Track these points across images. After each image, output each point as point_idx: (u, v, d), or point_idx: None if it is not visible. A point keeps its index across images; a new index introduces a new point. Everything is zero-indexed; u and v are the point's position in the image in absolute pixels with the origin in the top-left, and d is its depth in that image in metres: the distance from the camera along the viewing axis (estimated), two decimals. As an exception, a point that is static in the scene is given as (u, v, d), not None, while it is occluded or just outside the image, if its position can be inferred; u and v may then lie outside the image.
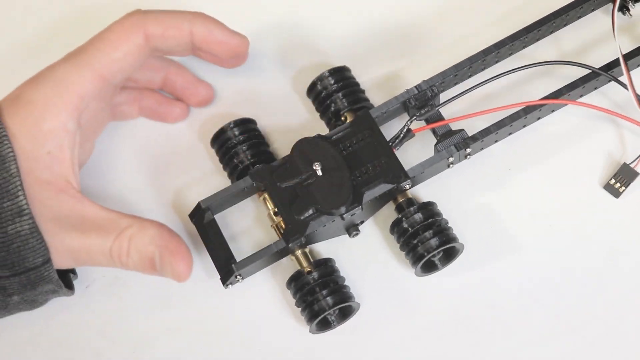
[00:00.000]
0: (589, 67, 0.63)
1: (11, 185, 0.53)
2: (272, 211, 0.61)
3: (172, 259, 0.57)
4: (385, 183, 0.60)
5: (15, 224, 0.53)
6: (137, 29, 0.59)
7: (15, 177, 0.53)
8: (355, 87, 0.64)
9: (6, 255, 0.53)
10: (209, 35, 0.61)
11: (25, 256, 0.54)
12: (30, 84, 0.56)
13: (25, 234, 0.53)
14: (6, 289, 0.55)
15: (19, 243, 0.53)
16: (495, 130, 0.61)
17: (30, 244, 0.53)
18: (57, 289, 0.58)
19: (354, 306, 0.61)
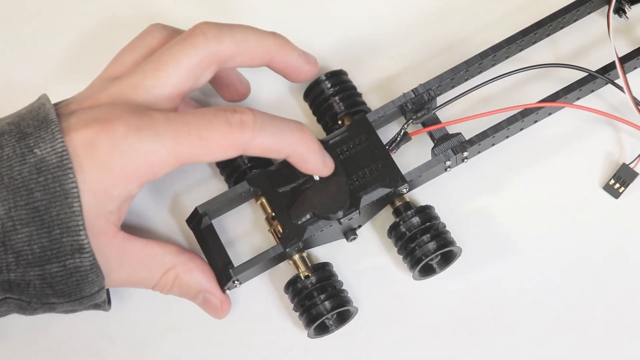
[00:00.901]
0: (585, 70, 0.63)
1: (73, 222, 0.52)
2: (269, 216, 0.61)
3: (212, 309, 0.61)
4: (383, 187, 0.60)
5: (74, 259, 0.53)
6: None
7: (78, 215, 0.52)
8: (352, 91, 0.64)
9: (64, 288, 0.54)
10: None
11: (83, 288, 0.54)
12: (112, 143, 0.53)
13: (85, 270, 0.53)
14: (55, 308, 0.56)
15: (78, 277, 0.53)
16: (493, 134, 0.61)
17: (89, 278, 0.54)
18: (101, 304, 0.58)
19: (352, 310, 0.61)
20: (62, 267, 0.53)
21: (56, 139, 0.52)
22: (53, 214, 0.52)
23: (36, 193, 0.52)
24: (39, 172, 0.52)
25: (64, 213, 0.52)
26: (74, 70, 0.69)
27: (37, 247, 0.52)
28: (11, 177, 0.52)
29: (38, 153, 0.52)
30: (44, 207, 0.52)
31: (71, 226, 0.52)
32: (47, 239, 0.52)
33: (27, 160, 0.52)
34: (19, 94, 0.66)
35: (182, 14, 0.69)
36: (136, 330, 0.63)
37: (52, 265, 0.53)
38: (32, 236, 0.52)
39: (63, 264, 0.53)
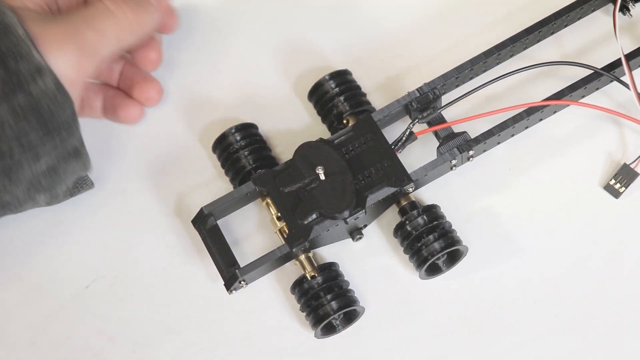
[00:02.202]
0: (591, 68, 0.63)
1: (23, 48, 0.53)
2: (275, 216, 0.61)
3: None
4: (389, 186, 0.60)
5: (37, 84, 0.53)
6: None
7: (25, 37, 0.53)
8: (357, 91, 0.64)
9: (37, 116, 0.54)
10: None
11: (55, 113, 0.54)
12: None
13: (52, 91, 0.54)
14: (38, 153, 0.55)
15: (48, 101, 0.54)
16: (498, 132, 0.61)
17: (58, 99, 0.54)
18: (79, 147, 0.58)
19: (359, 310, 0.61)
20: (28, 95, 0.53)
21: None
22: (2, 48, 0.52)
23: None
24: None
25: (11, 42, 0.53)
26: None
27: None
28: None
29: None
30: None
31: (22, 51, 0.53)
32: (4, 70, 0.52)
33: None
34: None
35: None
36: (136, 330, 0.62)
37: (18, 97, 0.53)
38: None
39: (29, 92, 0.53)
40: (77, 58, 0.55)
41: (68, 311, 0.63)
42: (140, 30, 0.59)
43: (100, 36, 0.57)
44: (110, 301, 0.63)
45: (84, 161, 0.59)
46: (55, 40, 0.55)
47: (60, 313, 0.63)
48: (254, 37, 0.68)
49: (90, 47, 0.56)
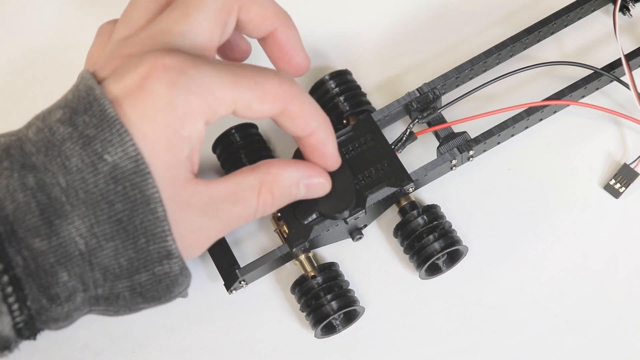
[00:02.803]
0: (591, 68, 0.63)
1: (158, 229, 0.49)
2: (275, 216, 0.61)
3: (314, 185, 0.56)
4: (389, 186, 0.59)
5: (163, 266, 0.50)
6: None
7: (163, 220, 0.49)
8: (357, 91, 0.64)
9: (154, 294, 0.51)
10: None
11: (172, 291, 0.52)
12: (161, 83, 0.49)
13: (175, 274, 0.51)
14: (142, 310, 0.54)
15: (168, 282, 0.51)
16: (498, 132, 0.61)
17: (179, 281, 0.51)
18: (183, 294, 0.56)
19: (359, 310, 0.61)
20: (150, 275, 0.50)
21: (125, 142, 0.48)
22: (137, 224, 0.49)
23: (117, 205, 0.48)
24: (116, 182, 0.48)
25: (147, 220, 0.49)
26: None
27: (123, 260, 0.49)
28: (87, 191, 0.48)
29: (109, 160, 0.48)
30: (126, 218, 0.49)
31: (156, 233, 0.49)
32: (133, 250, 0.49)
33: (99, 170, 0.48)
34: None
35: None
36: (136, 330, 0.62)
37: (141, 275, 0.50)
38: (117, 250, 0.49)
39: (152, 272, 0.50)
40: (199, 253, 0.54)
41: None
42: None
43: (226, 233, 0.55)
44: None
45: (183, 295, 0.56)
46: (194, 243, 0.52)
47: (60, 313, 0.63)
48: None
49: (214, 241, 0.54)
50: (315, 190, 0.57)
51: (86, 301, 0.50)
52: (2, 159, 0.49)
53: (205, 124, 0.50)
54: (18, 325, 0.49)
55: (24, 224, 0.48)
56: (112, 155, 0.48)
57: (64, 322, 0.51)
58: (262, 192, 0.54)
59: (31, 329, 0.50)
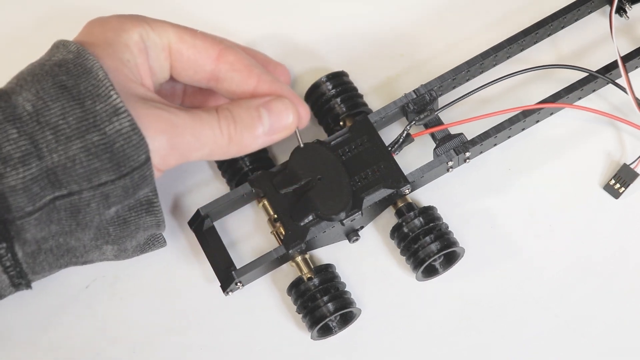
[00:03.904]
0: (586, 71, 0.63)
1: (102, 89, 0.52)
2: (271, 217, 0.61)
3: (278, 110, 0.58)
4: (385, 188, 0.60)
5: (113, 123, 0.52)
6: None
7: (104, 79, 0.52)
8: (354, 92, 0.64)
9: (110, 156, 0.52)
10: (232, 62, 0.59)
11: (129, 154, 0.52)
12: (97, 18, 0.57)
13: (127, 131, 0.52)
14: (108, 197, 0.54)
15: (122, 141, 0.52)
16: (495, 134, 0.61)
17: (133, 140, 0.52)
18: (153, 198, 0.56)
19: (355, 312, 0.61)
20: (102, 134, 0.52)
21: (68, 45, 0.54)
22: (81, 88, 0.52)
23: (61, 77, 0.52)
24: (60, 66, 0.53)
25: (91, 85, 0.52)
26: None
27: (72, 119, 0.51)
28: (34, 75, 0.53)
29: (55, 58, 0.54)
30: (71, 85, 0.52)
31: (100, 93, 0.52)
32: (80, 109, 0.52)
33: (46, 64, 0.53)
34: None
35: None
36: (136, 330, 0.63)
37: (92, 135, 0.52)
38: (65, 109, 0.52)
39: (103, 131, 0.52)
40: (166, 148, 0.54)
41: (68, 311, 0.63)
42: (238, 152, 0.58)
43: (195, 144, 0.55)
44: (110, 301, 0.63)
45: (157, 218, 0.57)
46: (153, 123, 0.53)
47: (60, 313, 0.63)
48: (251, 39, 0.68)
49: (182, 147, 0.55)
50: (279, 113, 0.57)
51: (44, 174, 0.51)
52: None
53: (140, 37, 0.56)
54: None
55: None
56: (57, 56, 0.54)
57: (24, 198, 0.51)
58: (220, 109, 0.56)
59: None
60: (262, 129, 0.57)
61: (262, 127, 0.57)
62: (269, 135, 0.57)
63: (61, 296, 0.63)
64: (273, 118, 0.57)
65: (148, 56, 0.56)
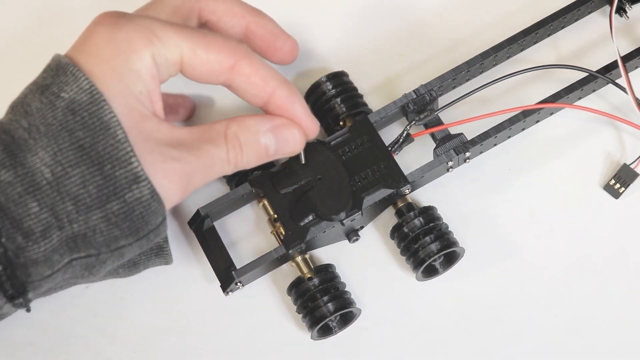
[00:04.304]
0: (586, 71, 0.63)
1: (122, 152, 0.50)
2: (271, 217, 0.61)
3: (284, 136, 0.56)
4: (385, 188, 0.60)
5: (133, 192, 0.50)
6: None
7: (124, 142, 0.50)
8: (354, 92, 0.64)
9: (130, 224, 0.51)
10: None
11: (147, 220, 0.52)
12: (103, 25, 0.52)
13: (147, 199, 0.51)
14: (124, 255, 0.53)
15: (141, 209, 0.51)
16: (495, 134, 0.61)
17: (152, 207, 0.51)
18: (164, 245, 0.56)
19: (355, 312, 0.61)
20: (122, 202, 0.51)
21: (79, 78, 0.51)
22: (100, 150, 0.50)
23: (77, 133, 0.50)
24: (74, 113, 0.50)
25: (109, 145, 0.50)
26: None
27: (92, 188, 0.50)
28: (47, 125, 0.50)
29: (65, 96, 0.51)
30: (88, 145, 0.50)
31: (120, 156, 0.50)
32: (101, 176, 0.50)
33: (57, 106, 0.50)
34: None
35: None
36: (136, 330, 0.63)
37: (113, 204, 0.50)
38: (85, 177, 0.50)
39: (123, 199, 0.51)
40: (178, 197, 0.53)
41: (68, 311, 0.63)
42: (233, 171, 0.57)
43: (204, 181, 0.54)
44: (110, 301, 0.63)
45: (166, 259, 0.58)
46: (168, 177, 0.52)
47: (60, 313, 0.63)
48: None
49: (192, 188, 0.54)
50: (286, 142, 0.56)
51: (64, 242, 0.51)
52: None
53: (152, 60, 0.52)
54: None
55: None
56: (67, 92, 0.51)
57: (45, 267, 0.51)
58: (228, 135, 0.54)
59: (12, 279, 0.50)
60: (268, 155, 0.56)
61: (267, 154, 0.56)
62: (272, 158, 0.57)
63: (61, 296, 0.63)
64: (280, 144, 0.56)
65: (160, 78, 0.53)
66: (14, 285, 0.51)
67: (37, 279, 0.51)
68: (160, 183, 0.51)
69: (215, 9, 0.58)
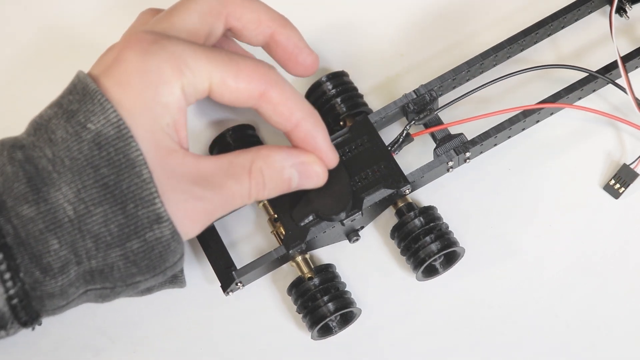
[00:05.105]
0: (586, 71, 0.63)
1: (145, 192, 0.50)
2: (271, 217, 0.61)
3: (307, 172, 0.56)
4: (385, 188, 0.60)
5: (154, 231, 0.50)
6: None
7: (149, 182, 0.49)
8: (354, 92, 0.64)
9: (148, 263, 0.51)
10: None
11: (166, 258, 0.52)
12: (134, 51, 0.51)
13: (167, 240, 0.51)
14: (138, 287, 0.53)
15: (161, 249, 0.51)
16: (495, 134, 0.61)
17: (171, 247, 0.51)
18: (179, 275, 0.56)
19: (356, 312, 0.61)
20: (142, 242, 0.50)
21: (106, 109, 0.50)
22: (124, 188, 0.49)
23: (102, 169, 0.49)
24: (100, 147, 0.50)
25: (134, 184, 0.50)
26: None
27: (114, 227, 0.50)
28: (72, 159, 0.49)
29: (92, 128, 0.50)
30: (112, 183, 0.49)
31: (144, 196, 0.50)
32: (123, 215, 0.50)
33: (83, 138, 0.50)
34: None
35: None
36: (136, 330, 0.63)
37: (133, 243, 0.50)
38: (107, 216, 0.50)
39: (143, 238, 0.50)
40: (197, 233, 0.53)
41: (68, 311, 0.63)
42: None
43: (226, 212, 0.54)
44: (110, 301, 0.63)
45: (180, 286, 0.58)
46: (190, 217, 0.52)
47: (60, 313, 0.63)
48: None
49: (212, 220, 0.54)
50: (309, 178, 0.56)
51: (80, 276, 0.51)
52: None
53: (182, 91, 0.51)
54: (13, 300, 0.50)
55: (12, 192, 0.49)
56: (94, 124, 0.50)
57: (60, 299, 0.51)
58: (253, 171, 0.54)
59: (27, 308, 0.50)
60: (289, 189, 0.56)
61: (289, 188, 0.56)
62: (293, 190, 0.57)
63: (61, 296, 0.63)
64: (302, 180, 0.56)
65: (187, 108, 0.52)
66: (28, 314, 0.51)
67: (51, 309, 0.51)
68: (181, 222, 0.51)
69: (242, 16, 0.57)
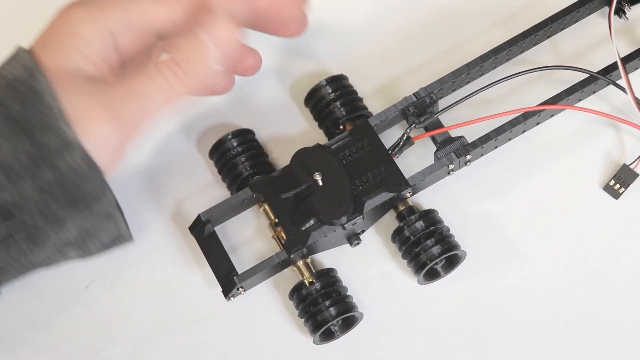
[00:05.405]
0: (587, 72, 0.63)
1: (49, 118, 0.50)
2: (272, 222, 0.61)
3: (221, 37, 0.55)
4: (386, 192, 0.60)
5: (64, 158, 0.50)
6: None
7: (53, 108, 0.50)
8: (353, 96, 0.64)
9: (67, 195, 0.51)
10: None
11: (85, 191, 0.51)
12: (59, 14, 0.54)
13: (81, 167, 0.50)
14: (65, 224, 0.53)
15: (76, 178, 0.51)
16: (495, 137, 0.61)
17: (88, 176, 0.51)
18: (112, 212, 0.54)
19: (357, 316, 0.61)
20: (54, 170, 0.50)
21: (21, 57, 0.52)
22: (30, 117, 0.50)
23: (9, 102, 0.50)
24: (13, 88, 0.51)
25: (39, 111, 0.50)
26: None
27: (23, 156, 0.50)
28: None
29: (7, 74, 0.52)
30: (18, 113, 0.50)
31: (48, 122, 0.50)
32: (30, 143, 0.50)
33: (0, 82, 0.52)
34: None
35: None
36: (136, 330, 0.63)
37: (44, 171, 0.50)
38: (14, 144, 0.50)
39: (54, 166, 0.50)
40: (112, 133, 0.52)
41: (68, 311, 0.63)
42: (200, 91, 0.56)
43: (140, 107, 0.53)
44: (110, 301, 0.63)
45: (118, 225, 0.56)
46: (88, 115, 0.51)
47: (60, 313, 0.63)
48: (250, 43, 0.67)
49: (128, 120, 0.53)
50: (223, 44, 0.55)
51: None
52: None
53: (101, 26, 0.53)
54: None
55: None
56: (10, 72, 0.52)
57: None
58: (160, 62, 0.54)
59: None
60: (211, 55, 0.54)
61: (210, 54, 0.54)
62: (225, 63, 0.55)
63: (61, 296, 0.63)
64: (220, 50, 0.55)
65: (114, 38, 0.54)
66: None
67: None
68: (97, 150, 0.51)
69: None
